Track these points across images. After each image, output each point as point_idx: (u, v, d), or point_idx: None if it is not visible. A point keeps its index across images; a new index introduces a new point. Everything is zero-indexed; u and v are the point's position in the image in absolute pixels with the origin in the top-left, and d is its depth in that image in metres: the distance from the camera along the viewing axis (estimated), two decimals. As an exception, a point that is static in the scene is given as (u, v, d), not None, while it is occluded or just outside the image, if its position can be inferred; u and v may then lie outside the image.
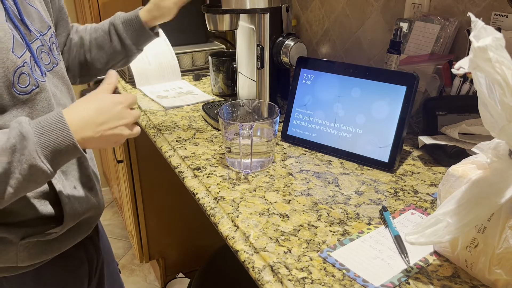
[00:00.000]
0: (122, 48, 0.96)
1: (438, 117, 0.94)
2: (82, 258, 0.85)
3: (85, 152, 0.66)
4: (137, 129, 0.71)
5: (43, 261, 0.76)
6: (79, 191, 0.79)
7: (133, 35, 0.95)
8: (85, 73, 0.99)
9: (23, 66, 0.66)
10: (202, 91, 1.36)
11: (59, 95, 0.77)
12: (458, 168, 0.60)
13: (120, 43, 0.95)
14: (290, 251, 0.65)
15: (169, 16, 0.95)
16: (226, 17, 1.01)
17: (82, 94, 0.77)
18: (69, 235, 0.78)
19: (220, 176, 0.86)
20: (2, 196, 0.60)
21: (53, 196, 0.74)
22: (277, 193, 0.80)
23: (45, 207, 0.74)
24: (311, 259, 0.63)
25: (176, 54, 1.45)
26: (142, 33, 0.95)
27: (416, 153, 0.95)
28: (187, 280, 1.87)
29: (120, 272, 1.05)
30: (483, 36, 0.47)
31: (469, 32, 0.76)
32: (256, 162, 0.88)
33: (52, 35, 0.79)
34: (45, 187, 0.73)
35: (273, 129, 0.86)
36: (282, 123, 1.02)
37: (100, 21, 1.81)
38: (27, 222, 0.72)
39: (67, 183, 0.77)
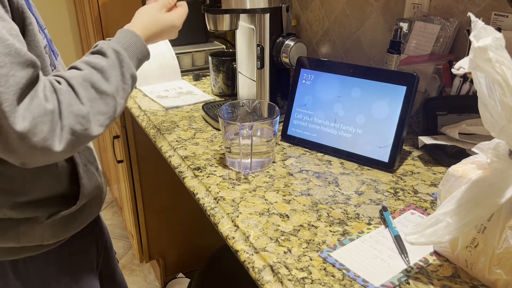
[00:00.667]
0: None
1: (438, 117, 0.94)
2: (91, 238, 0.91)
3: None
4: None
5: (63, 239, 0.82)
6: (89, 169, 0.86)
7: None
8: None
9: (46, 46, 0.74)
10: (202, 91, 1.36)
11: None
12: (458, 168, 0.60)
13: None
14: (290, 251, 0.65)
15: None
16: (226, 17, 1.01)
17: None
18: (83, 214, 0.84)
19: (220, 176, 0.86)
20: (123, 102, 0.71)
21: (70, 173, 0.81)
22: (277, 193, 0.80)
23: (66, 183, 0.80)
24: (311, 259, 0.63)
25: (176, 54, 1.45)
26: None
27: (416, 153, 0.95)
28: (187, 280, 1.87)
29: (118, 262, 1.10)
30: (483, 36, 0.47)
31: (469, 32, 0.76)
32: (256, 162, 0.88)
33: (47, 31, 0.85)
34: (65, 163, 0.80)
35: (273, 129, 0.86)
36: (282, 123, 1.02)
37: (100, 21, 1.82)
38: (50, 200, 0.78)
39: (81, 160, 0.84)
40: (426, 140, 0.87)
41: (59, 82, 0.64)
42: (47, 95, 0.61)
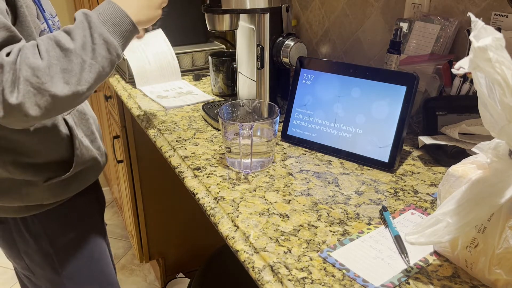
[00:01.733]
0: None
1: (438, 117, 0.94)
2: (92, 197, 1.04)
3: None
4: None
5: (63, 199, 0.94)
6: (85, 141, 0.95)
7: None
8: None
9: (44, 31, 0.81)
10: (202, 91, 1.36)
11: None
12: (458, 168, 0.60)
13: None
14: (290, 251, 0.65)
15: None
16: (226, 17, 1.01)
17: None
18: (79, 179, 0.95)
19: (220, 176, 0.86)
20: (99, 67, 0.71)
21: (68, 142, 0.91)
22: (277, 193, 0.80)
23: (64, 151, 0.90)
24: (311, 259, 0.63)
25: (176, 54, 1.45)
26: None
27: (416, 153, 0.95)
28: (187, 280, 1.87)
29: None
30: (483, 36, 0.47)
31: (469, 32, 0.76)
32: (256, 162, 0.88)
33: (57, 20, 0.93)
34: (66, 132, 0.90)
35: (273, 129, 0.86)
36: (282, 123, 1.02)
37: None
38: (48, 166, 0.89)
39: (78, 132, 0.93)
40: (426, 140, 0.87)
41: (28, 43, 0.69)
42: (13, 51, 0.66)
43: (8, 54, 0.65)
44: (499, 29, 0.91)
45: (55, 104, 0.68)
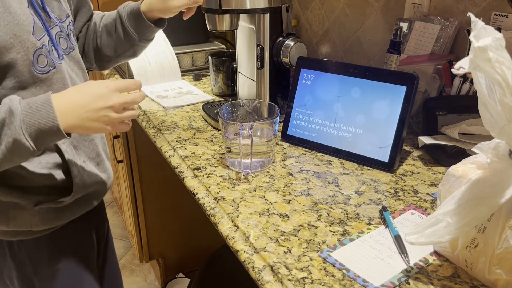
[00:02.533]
0: (126, 37, 0.98)
1: (438, 117, 0.94)
2: (90, 227, 0.93)
3: (69, 136, 0.70)
4: (128, 113, 0.72)
5: (55, 227, 0.84)
6: (88, 165, 0.85)
7: (134, 24, 0.96)
8: (98, 59, 1.03)
9: (42, 48, 0.73)
10: (202, 91, 1.36)
11: (74, 77, 0.84)
12: (458, 168, 0.60)
13: (123, 31, 0.97)
14: (290, 251, 0.65)
15: (169, 13, 0.96)
16: (226, 17, 1.01)
17: None
18: (79, 205, 0.85)
19: (220, 176, 0.86)
20: None
21: (66, 167, 0.81)
22: (277, 193, 0.80)
23: (57, 177, 0.80)
24: (311, 259, 0.63)
25: (176, 54, 1.45)
26: (141, 23, 0.96)
27: (416, 153, 0.95)
28: (187, 280, 1.87)
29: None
30: (483, 36, 0.47)
31: (469, 32, 0.76)
32: (256, 162, 0.88)
33: (70, 22, 0.86)
34: (58, 158, 0.80)
35: (273, 129, 0.86)
36: (282, 123, 1.02)
37: (100, 21, 1.81)
38: (39, 189, 0.79)
39: (78, 157, 0.83)
40: (426, 140, 0.87)
41: None
42: None
43: None
44: (499, 29, 0.91)
45: None
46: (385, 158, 0.87)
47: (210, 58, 1.32)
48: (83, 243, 0.91)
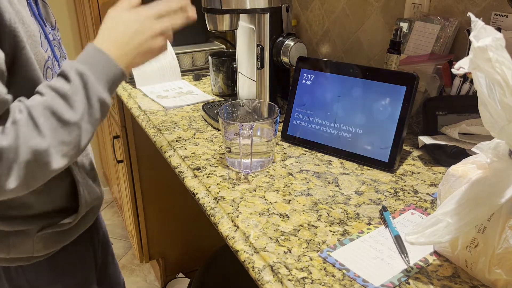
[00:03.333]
0: None
1: (438, 117, 0.94)
2: (88, 239, 0.90)
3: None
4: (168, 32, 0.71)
5: (54, 250, 0.80)
6: (88, 181, 0.83)
7: None
8: None
9: (48, 60, 0.69)
10: (202, 91, 1.36)
11: None
12: (458, 168, 0.60)
13: None
14: (290, 251, 0.65)
15: None
16: (226, 17, 1.01)
17: None
18: (80, 224, 0.82)
19: (220, 176, 0.86)
20: (91, 128, 0.63)
21: (68, 187, 0.78)
22: (277, 193, 0.80)
23: (61, 199, 0.78)
24: (311, 259, 0.63)
25: (176, 54, 1.45)
26: None
27: (416, 153, 0.95)
28: (187, 280, 1.87)
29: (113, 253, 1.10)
30: (483, 36, 0.47)
31: (469, 32, 0.76)
32: (256, 162, 0.88)
33: (58, 30, 0.81)
34: (64, 179, 0.77)
35: (273, 129, 0.86)
36: (282, 123, 1.02)
37: (100, 21, 1.81)
38: (44, 215, 0.76)
39: (80, 175, 0.80)
40: (426, 140, 0.87)
41: (20, 111, 0.59)
42: (6, 127, 0.58)
43: (3, 131, 0.57)
44: (499, 29, 0.91)
45: (45, 178, 0.61)
46: (385, 158, 0.87)
47: (210, 58, 1.32)
48: (82, 258, 0.88)
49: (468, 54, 0.48)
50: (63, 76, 0.62)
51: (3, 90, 0.58)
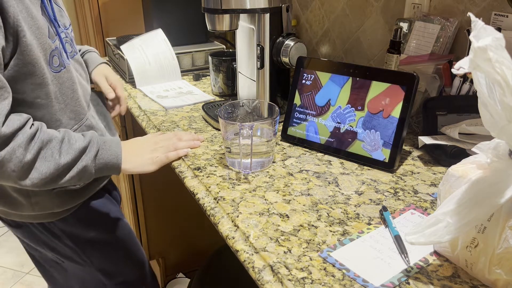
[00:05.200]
0: None
1: (438, 117, 0.94)
2: (108, 199, 1.05)
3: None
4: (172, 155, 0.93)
5: (73, 206, 0.95)
6: (100, 126, 1.02)
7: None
8: None
9: (55, 50, 0.84)
10: (202, 91, 1.36)
11: (79, 77, 0.95)
12: (458, 168, 0.60)
13: None
14: (290, 251, 0.65)
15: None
16: (226, 17, 1.01)
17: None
18: (89, 185, 0.96)
19: (220, 176, 0.86)
20: (57, 182, 0.80)
21: None
22: (277, 193, 0.80)
23: None
24: (311, 259, 0.63)
25: (176, 54, 1.45)
26: None
27: (416, 153, 0.95)
28: (187, 280, 1.87)
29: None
30: (483, 36, 0.47)
31: (469, 32, 0.76)
32: (256, 162, 0.88)
33: (71, 30, 0.97)
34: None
35: (273, 129, 0.86)
36: (282, 123, 1.02)
37: (100, 21, 1.82)
38: None
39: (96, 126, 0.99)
40: (426, 140, 0.87)
41: (31, 127, 0.78)
42: (12, 123, 0.74)
43: (7, 124, 0.74)
44: (499, 29, 0.91)
45: (5, 181, 0.79)
46: (385, 158, 0.87)
47: (210, 58, 1.32)
48: (105, 211, 1.02)
49: (468, 54, 0.49)
50: (83, 134, 0.85)
51: (1, 77, 0.73)
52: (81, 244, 0.99)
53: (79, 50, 1.12)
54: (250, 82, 1.12)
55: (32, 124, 0.79)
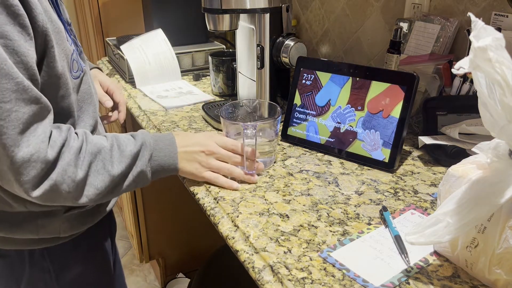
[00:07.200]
0: None
1: (438, 117, 0.94)
2: (106, 228, 0.95)
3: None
4: (216, 163, 0.83)
5: (78, 232, 0.85)
6: None
7: None
8: None
9: (73, 53, 0.75)
10: (202, 91, 1.36)
11: (91, 77, 0.86)
12: (458, 168, 0.60)
13: None
14: (290, 251, 0.65)
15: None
16: (226, 17, 1.01)
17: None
18: (99, 208, 0.88)
19: (220, 176, 0.86)
20: (115, 192, 0.74)
21: None
22: (277, 193, 0.80)
23: None
24: (311, 259, 0.63)
25: (176, 54, 1.45)
26: None
27: (416, 153, 0.95)
28: (187, 280, 1.87)
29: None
30: (483, 36, 0.47)
31: (469, 32, 0.76)
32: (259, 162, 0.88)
33: (71, 25, 0.86)
34: None
35: (275, 129, 0.86)
36: (282, 123, 1.02)
37: (100, 21, 1.82)
38: None
39: None
40: (426, 140, 0.87)
41: (76, 139, 0.70)
42: (55, 142, 0.67)
43: (52, 145, 0.66)
44: (499, 29, 0.91)
45: (62, 203, 0.71)
46: (385, 158, 0.87)
47: (210, 58, 1.32)
48: (100, 242, 0.93)
49: (468, 54, 0.48)
50: (133, 135, 0.77)
51: (40, 94, 0.65)
52: (61, 284, 0.86)
53: None
54: (250, 82, 1.12)
55: (76, 134, 0.71)
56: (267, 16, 1.01)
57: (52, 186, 0.66)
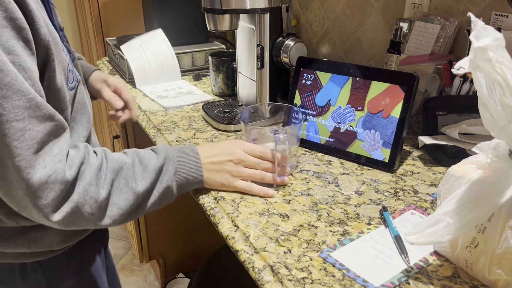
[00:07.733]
0: None
1: (438, 117, 0.94)
2: (99, 239, 0.92)
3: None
4: (246, 171, 0.79)
5: (71, 244, 0.81)
6: None
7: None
8: None
9: (69, 64, 0.71)
10: (202, 91, 1.36)
11: (84, 85, 0.82)
12: (458, 168, 0.60)
13: None
14: (290, 251, 0.65)
15: (99, 96, 1.02)
16: (226, 17, 1.01)
17: None
18: None
19: (220, 176, 0.86)
20: (139, 212, 0.71)
21: None
22: (277, 193, 0.80)
23: None
24: (311, 259, 0.63)
25: (176, 54, 1.45)
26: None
27: (416, 153, 0.95)
28: (187, 280, 1.87)
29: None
30: (483, 36, 0.47)
31: (469, 32, 0.76)
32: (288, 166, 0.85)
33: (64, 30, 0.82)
34: None
35: (297, 133, 0.84)
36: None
37: (100, 21, 1.82)
38: None
39: None
40: (426, 140, 0.87)
41: (96, 155, 0.66)
42: (73, 161, 0.62)
43: (70, 165, 0.62)
44: (499, 29, 0.91)
45: (85, 226, 0.67)
46: (385, 158, 0.87)
47: (210, 58, 1.32)
48: (93, 254, 0.89)
49: (468, 54, 0.48)
50: (154, 151, 0.73)
51: (54, 110, 0.62)
52: None
53: None
54: (250, 82, 1.12)
55: (95, 153, 0.67)
56: (267, 16, 1.01)
57: (74, 209, 0.62)
